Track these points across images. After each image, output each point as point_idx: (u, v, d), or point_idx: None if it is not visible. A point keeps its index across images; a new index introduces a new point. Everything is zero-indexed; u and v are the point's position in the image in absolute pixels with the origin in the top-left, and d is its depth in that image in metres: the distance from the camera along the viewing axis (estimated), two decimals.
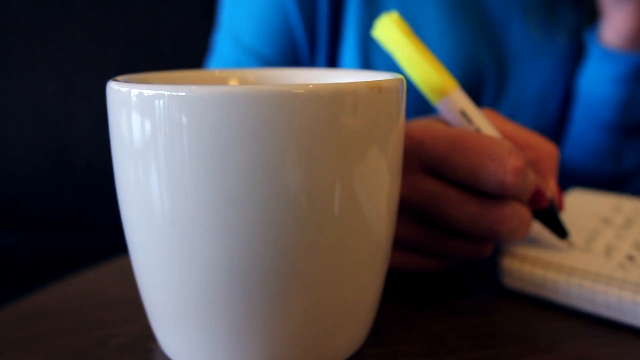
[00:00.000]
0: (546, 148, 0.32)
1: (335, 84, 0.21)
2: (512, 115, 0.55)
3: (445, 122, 0.31)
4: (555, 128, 0.56)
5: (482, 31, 0.53)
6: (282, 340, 0.22)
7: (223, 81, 0.28)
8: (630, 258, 0.30)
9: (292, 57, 0.54)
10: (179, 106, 0.20)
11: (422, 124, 0.30)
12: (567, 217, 0.37)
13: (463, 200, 0.28)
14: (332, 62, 0.55)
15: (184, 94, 0.20)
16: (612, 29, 0.49)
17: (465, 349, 0.26)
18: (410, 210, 0.30)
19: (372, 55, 0.53)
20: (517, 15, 0.53)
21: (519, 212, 0.28)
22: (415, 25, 0.51)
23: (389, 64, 0.53)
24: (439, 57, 0.52)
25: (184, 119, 0.20)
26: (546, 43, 0.53)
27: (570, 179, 0.57)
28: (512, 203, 0.28)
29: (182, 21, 0.86)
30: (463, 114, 0.30)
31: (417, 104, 0.39)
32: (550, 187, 0.31)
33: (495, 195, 0.28)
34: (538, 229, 0.33)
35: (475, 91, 0.54)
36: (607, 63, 0.50)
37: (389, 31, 0.30)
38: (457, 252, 0.30)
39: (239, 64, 0.54)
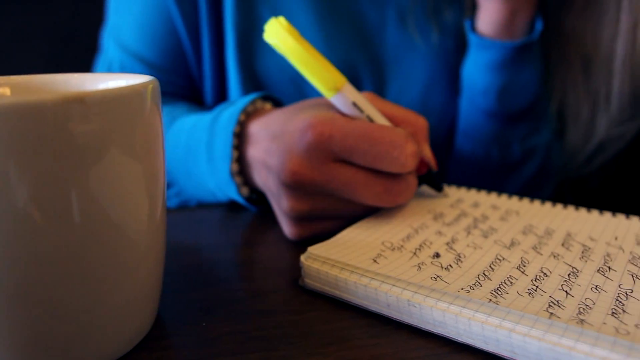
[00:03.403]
0: (419, 122, 0.37)
1: (41, 95, 0.20)
2: None
3: (336, 110, 0.35)
4: (441, 125, 0.56)
5: (357, 36, 0.53)
6: (10, 352, 0.22)
7: None
8: (436, 256, 0.30)
9: (180, 61, 0.54)
10: None
11: (326, 117, 0.34)
12: (405, 212, 0.37)
13: (370, 181, 0.34)
14: (220, 65, 0.54)
15: None
16: (485, 18, 0.50)
17: (233, 353, 0.25)
18: (326, 193, 0.34)
19: (254, 58, 0.52)
20: (392, 17, 0.53)
21: (410, 182, 0.35)
22: None
23: (271, 66, 0.53)
24: None
25: None
26: (423, 43, 0.53)
27: (462, 168, 0.57)
28: (406, 177, 0.35)
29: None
30: (355, 105, 0.35)
31: None
32: (426, 153, 0.38)
33: (395, 174, 0.34)
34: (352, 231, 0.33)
35: None
36: (482, 51, 0.50)
37: (279, 35, 0.33)
38: (360, 213, 0.36)
39: (123, 67, 0.53)
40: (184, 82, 0.54)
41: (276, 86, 0.53)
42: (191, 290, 0.31)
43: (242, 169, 0.40)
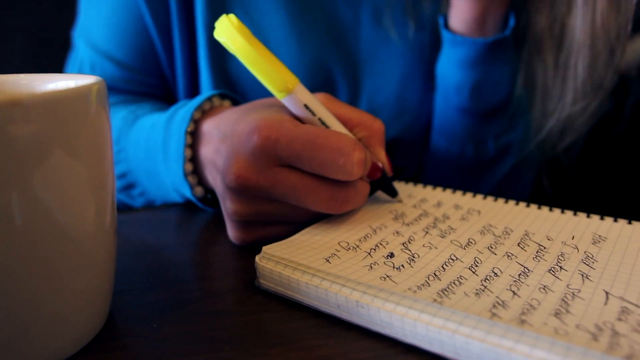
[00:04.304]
0: (375, 125, 0.37)
1: None
2: None
3: (288, 111, 0.35)
4: (417, 123, 0.56)
5: (330, 34, 0.52)
6: None
7: None
8: (390, 256, 0.30)
9: (152, 60, 0.53)
10: None
11: (274, 120, 0.32)
12: (366, 212, 0.37)
13: (317, 187, 0.32)
14: (192, 64, 0.54)
15: None
16: (457, 16, 0.49)
17: (178, 354, 0.25)
18: (271, 198, 0.33)
19: (225, 58, 0.52)
20: (367, 15, 0.53)
21: (359, 189, 0.34)
22: (259, 32, 0.51)
23: (243, 66, 0.52)
24: (285, 63, 0.52)
25: None
26: (399, 37, 0.53)
27: (438, 166, 0.57)
28: (355, 184, 0.34)
29: None
30: (307, 107, 0.34)
31: None
32: (381, 157, 0.37)
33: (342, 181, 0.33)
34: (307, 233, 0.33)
35: None
36: (454, 48, 0.50)
37: (229, 34, 0.32)
38: (308, 219, 0.35)
39: (94, 67, 0.53)
40: (157, 81, 0.54)
41: (248, 85, 0.53)
42: (147, 290, 0.31)
43: (196, 168, 0.40)
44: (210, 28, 0.51)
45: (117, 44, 0.52)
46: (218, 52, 0.52)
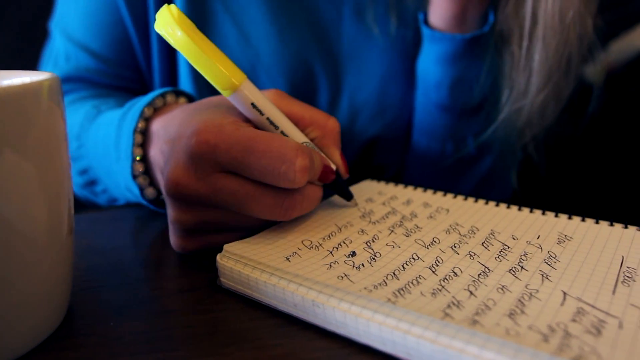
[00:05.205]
0: (329, 124, 0.35)
1: None
2: (353, 115, 0.54)
3: (236, 111, 0.33)
4: (399, 121, 0.56)
5: (311, 30, 0.52)
6: None
7: None
8: (352, 255, 0.30)
9: (128, 53, 0.53)
10: None
11: (215, 124, 0.31)
12: (332, 209, 0.36)
13: (259, 194, 0.31)
14: (171, 59, 0.53)
15: None
16: (437, 12, 0.49)
17: (131, 353, 0.25)
18: (213, 205, 0.31)
19: None
20: (349, 11, 0.52)
21: (308, 194, 0.32)
22: (239, 28, 0.51)
23: None
24: (265, 59, 0.52)
25: None
26: (381, 34, 0.53)
27: (419, 164, 0.57)
28: (303, 189, 0.32)
29: None
30: (254, 106, 0.32)
31: None
32: (335, 159, 0.35)
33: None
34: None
35: (309, 92, 0.53)
36: (434, 44, 0.50)
37: (168, 26, 0.30)
38: (256, 225, 0.33)
39: (68, 58, 0.53)
40: (132, 74, 0.54)
41: None
42: (108, 288, 0.31)
43: (147, 169, 0.38)
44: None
45: (93, 35, 0.52)
46: None
